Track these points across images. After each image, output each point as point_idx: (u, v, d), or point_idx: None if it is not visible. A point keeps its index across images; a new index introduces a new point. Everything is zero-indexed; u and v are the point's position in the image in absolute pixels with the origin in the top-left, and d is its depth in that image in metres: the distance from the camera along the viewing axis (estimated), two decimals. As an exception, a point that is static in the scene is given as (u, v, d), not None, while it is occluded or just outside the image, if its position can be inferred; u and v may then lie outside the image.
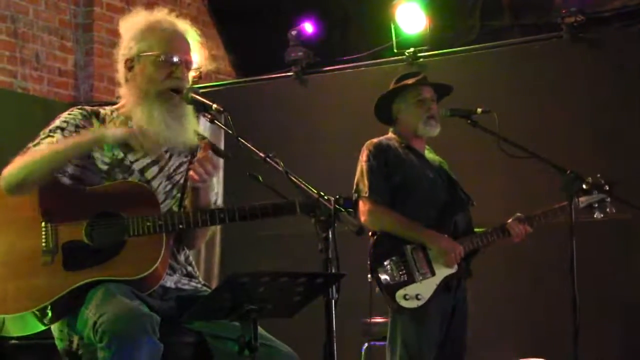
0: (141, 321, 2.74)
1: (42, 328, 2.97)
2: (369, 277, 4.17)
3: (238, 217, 2.98)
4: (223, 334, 2.95)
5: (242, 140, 2.84)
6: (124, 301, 2.79)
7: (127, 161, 3.07)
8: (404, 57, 6.17)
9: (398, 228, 4.18)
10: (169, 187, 3.13)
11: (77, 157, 3.01)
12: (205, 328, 2.97)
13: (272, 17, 7.55)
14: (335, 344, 2.69)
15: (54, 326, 2.99)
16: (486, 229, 4.26)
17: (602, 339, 5.14)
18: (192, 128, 3.09)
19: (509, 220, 4.23)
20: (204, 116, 2.99)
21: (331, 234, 2.69)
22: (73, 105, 3.38)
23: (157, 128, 3.01)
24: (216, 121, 2.95)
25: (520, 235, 4.23)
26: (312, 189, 2.78)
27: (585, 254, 3.92)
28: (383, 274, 4.11)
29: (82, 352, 2.91)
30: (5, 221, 2.98)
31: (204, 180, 2.99)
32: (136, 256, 2.91)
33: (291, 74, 6.56)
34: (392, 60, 6.27)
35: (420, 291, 4.09)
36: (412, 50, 6.14)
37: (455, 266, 4.16)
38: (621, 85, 5.50)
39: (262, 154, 2.82)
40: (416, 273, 4.11)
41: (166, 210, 3.07)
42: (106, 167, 3.05)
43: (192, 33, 3.16)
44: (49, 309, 2.90)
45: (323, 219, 2.70)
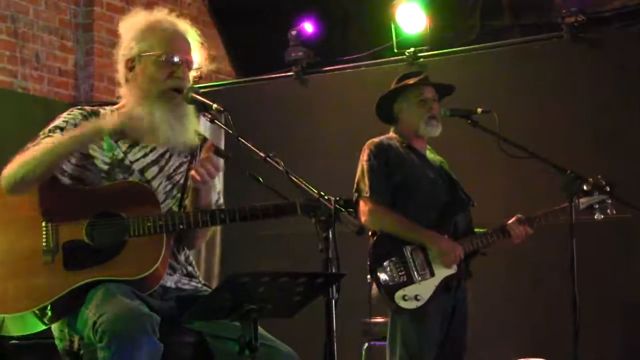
0: (141, 321, 2.74)
1: (42, 328, 2.97)
2: (368, 277, 4.17)
3: (238, 217, 2.98)
4: (223, 334, 2.95)
5: (243, 140, 2.84)
6: (124, 301, 2.79)
7: (127, 161, 3.07)
8: (404, 57, 6.17)
9: (398, 229, 4.18)
10: (169, 187, 3.12)
11: (76, 151, 3.00)
12: (205, 328, 2.97)
13: (272, 17, 7.55)
14: (335, 343, 2.69)
15: (54, 326, 2.99)
16: (486, 229, 4.25)
17: (602, 339, 5.14)
18: (193, 128, 3.09)
19: (509, 221, 4.23)
20: (204, 116, 3.00)
21: (331, 234, 2.69)
22: (73, 105, 3.38)
23: (160, 128, 3.01)
24: (216, 121, 2.95)
25: (521, 237, 4.23)
26: (313, 188, 2.78)
27: (586, 254, 3.92)
28: (382, 274, 4.10)
29: (82, 352, 2.91)
30: (5, 221, 2.98)
31: (205, 181, 2.99)
32: (137, 256, 2.92)
33: (291, 74, 6.55)
34: (392, 60, 6.27)
35: (419, 292, 4.09)
36: (412, 50, 6.14)
37: (455, 267, 4.16)
38: (621, 85, 5.50)
39: (262, 154, 2.82)
40: (415, 274, 4.10)
41: (166, 210, 3.07)
42: (106, 167, 3.04)
43: (192, 33, 3.16)
44: (49, 308, 2.90)
45: (323, 219, 2.70)
